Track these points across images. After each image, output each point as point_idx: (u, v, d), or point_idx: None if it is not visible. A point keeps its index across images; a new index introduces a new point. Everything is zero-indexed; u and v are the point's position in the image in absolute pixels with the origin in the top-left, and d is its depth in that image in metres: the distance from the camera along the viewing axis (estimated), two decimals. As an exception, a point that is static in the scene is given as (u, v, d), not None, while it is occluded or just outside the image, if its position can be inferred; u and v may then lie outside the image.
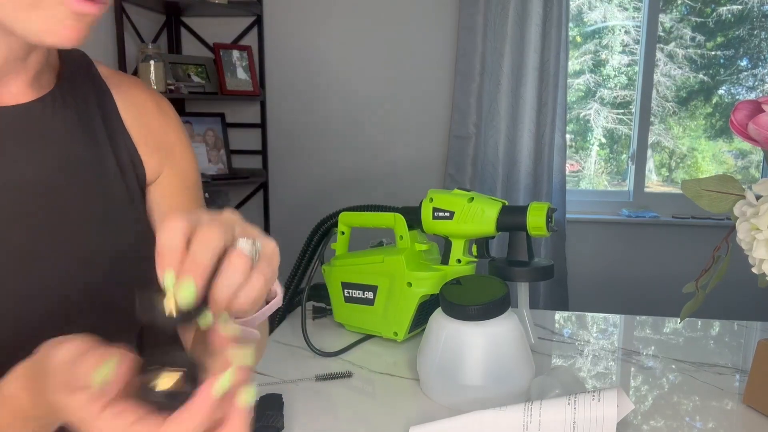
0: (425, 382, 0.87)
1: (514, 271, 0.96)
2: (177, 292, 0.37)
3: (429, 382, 0.86)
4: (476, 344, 0.81)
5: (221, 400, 0.37)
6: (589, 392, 0.68)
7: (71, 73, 0.61)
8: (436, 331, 0.85)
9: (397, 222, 1.05)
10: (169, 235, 0.39)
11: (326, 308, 1.17)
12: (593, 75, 2.80)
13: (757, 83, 2.74)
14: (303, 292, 1.06)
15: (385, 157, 2.66)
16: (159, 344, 0.42)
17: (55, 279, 0.55)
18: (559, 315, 1.29)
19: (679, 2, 2.72)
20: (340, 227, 1.12)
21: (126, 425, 0.37)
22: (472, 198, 0.99)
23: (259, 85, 2.60)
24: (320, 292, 1.17)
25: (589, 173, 2.92)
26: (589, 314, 1.23)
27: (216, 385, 0.37)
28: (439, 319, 0.86)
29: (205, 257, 0.38)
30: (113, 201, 0.60)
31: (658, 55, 2.68)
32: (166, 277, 0.38)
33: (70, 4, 0.46)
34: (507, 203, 0.99)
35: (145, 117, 0.65)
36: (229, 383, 0.37)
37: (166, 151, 0.67)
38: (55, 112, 0.57)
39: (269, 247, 0.43)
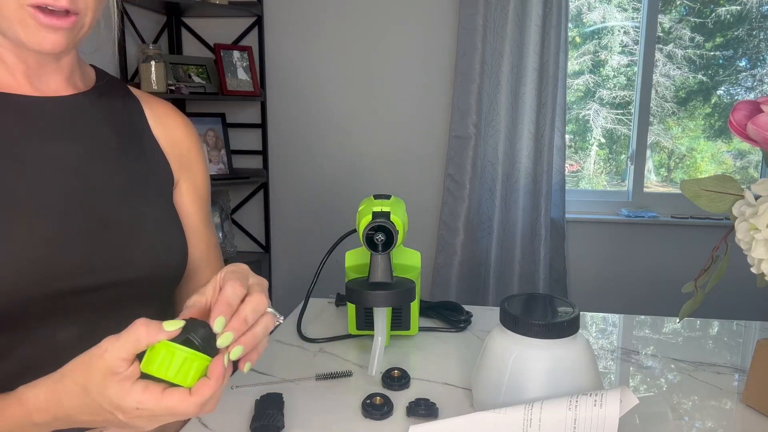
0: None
1: (374, 295, 0.85)
2: (222, 336, 0.52)
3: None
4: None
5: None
6: (591, 394, 0.68)
7: (105, 86, 0.78)
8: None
9: None
10: (231, 293, 0.53)
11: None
12: (592, 75, 2.80)
13: (755, 83, 2.74)
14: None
15: (385, 157, 2.67)
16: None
17: (82, 234, 0.68)
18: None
19: (678, 3, 2.72)
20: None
21: (156, 395, 0.49)
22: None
23: (260, 85, 2.60)
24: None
25: (589, 173, 2.92)
26: (589, 314, 1.23)
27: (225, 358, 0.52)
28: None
29: (251, 319, 0.54)
30: (134, 179, 0.75)
31: (657, 55, 2.69)
32: (219, 321, 0.52)
33: (38, 19, 0.60)
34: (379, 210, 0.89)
35: (171, 130, 0.83)
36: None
37: (186, 162, 0.84)
38: (86, 107, 0.74)
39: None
